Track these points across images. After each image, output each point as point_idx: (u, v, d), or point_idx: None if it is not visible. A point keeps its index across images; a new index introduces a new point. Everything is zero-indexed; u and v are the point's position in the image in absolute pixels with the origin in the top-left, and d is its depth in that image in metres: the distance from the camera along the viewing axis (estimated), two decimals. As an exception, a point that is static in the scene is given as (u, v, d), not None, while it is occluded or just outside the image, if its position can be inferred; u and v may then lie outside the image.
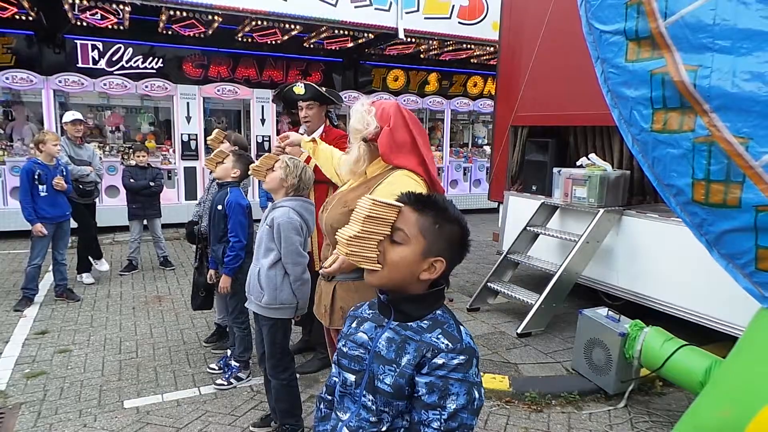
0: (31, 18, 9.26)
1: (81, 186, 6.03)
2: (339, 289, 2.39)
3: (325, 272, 2.31)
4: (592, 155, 5.00)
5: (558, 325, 4.81)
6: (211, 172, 4.06)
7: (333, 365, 1.45)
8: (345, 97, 10.94)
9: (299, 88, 3.94)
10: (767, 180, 1.92)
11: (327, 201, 2.53)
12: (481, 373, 4.01)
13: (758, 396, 2.01)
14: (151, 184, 6.68)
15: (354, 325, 1.41)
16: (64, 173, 5.44)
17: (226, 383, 3.80)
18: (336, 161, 2.86)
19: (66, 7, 8.54)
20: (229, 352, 4.04)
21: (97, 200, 6.53)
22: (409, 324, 1.29)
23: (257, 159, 3.21)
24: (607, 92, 2.50)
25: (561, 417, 3.50)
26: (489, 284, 5.27)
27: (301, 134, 3.78)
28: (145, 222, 6.87)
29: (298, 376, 3.28)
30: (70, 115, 6.17)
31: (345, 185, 2.54)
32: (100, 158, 7.02)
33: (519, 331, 4.61)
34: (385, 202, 1.29)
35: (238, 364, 3.87)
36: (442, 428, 1.20)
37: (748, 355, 2.21)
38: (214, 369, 4.03)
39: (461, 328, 1.29)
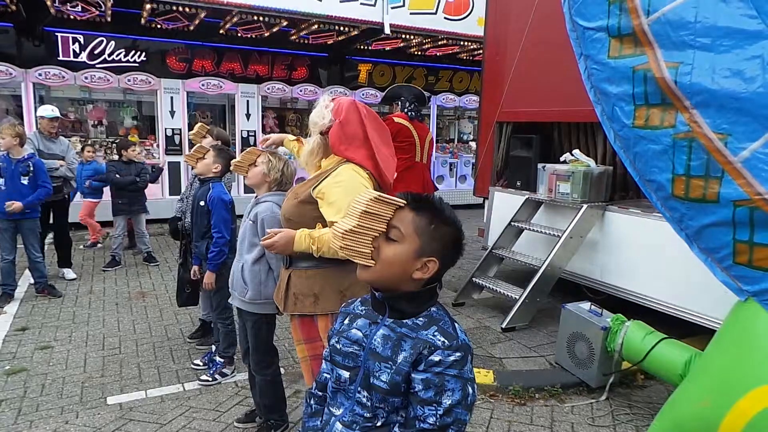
0: (10, 10, 9.08)
1: None
2: (293, 276, 2.44)
3: (263, 243, 2.31)
4: (575, 151, 5.04)
5: (542, 320, 4.85)
6: (192, 168, 4.03)
7: (324, 362, 1.44)
8: (331, 92, 10.91)
9: None
10: (745, 175, 1.96)
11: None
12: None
13: (735, 388, 2.05)
14: (137, 179, 6.62)
15: (347, 321, 1.40)
16: (31, 169, 5.18)
17: (210, 379, 3.78)
18: None
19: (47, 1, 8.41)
20: (213, 348, 4.02)
21: (70, 197, 6.31)
22: (405, 321, 1.29)
23: (240, 154, 3.19)
24: (590, 88, 2.52)
25: (544, 410, 3.53)
26: (474, 279, 5.30)
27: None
28: (129, 217, 6.81)
29: (282, 371, 3.28)
30: (48, 110, 5.96)
31: None
32: (78, 153, 6.88)
33: (503, 325, 4.65)
34: (383, 199, 1.28)
35: (222, 360, 3.85)
36: (437, 423, 1.21)
37: (725, 347, 2.26)
38: (199, 365, 4.01)
39: (456, 324, 1.30)
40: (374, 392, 1.27)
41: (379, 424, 1.28)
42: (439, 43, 11.47)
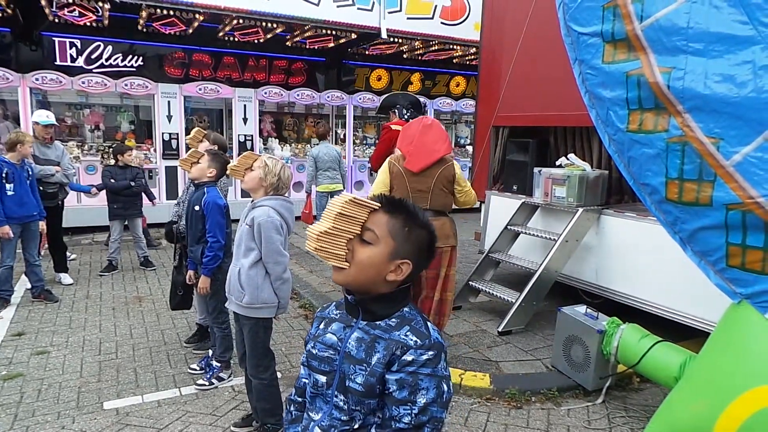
0: (7, 15, 9.08)
1: (42, 187, 5.75)
2: None
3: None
4: (571, 155, 5.06)
5: (538, 323, 4.86)
6: (187, 173, 4.04)
7: (302, 367, 1.44)
8: (328, 97, 10.96)
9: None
10: (737, 179, 1.98)
11: None
12: (463, 371, 4.01)
13: (729, 390, 2.07)
14: (132, 183, 6.62)
15: (322, 326, 1.41)
16: (30, 173, 5.28)
17: (207, 383, 3.78)
18: None
19: (43, 3, 8.40)
20: (210, 352, 4.01)
21: (64, 203, 6.32)
22: (378, 323, 1.30)
23: (237, 158, 3.20)
24: (585, 93, 2.54)
25: (540, 413, 3.54)
26: (471, 283, 5.31)
27: None
28: (125, 222, 6.80)
29: (279, 375, 3.28)
30: (43, 116, 5.96)
31: None
32: (77, 158, 6.86)
33: (500, 329, 4.65)
34: (358, 201, 1.29)
35: (219, 365, 3.85)
36: (413, 422, 1.21)
37: (719, 350, 2.27)
38: (195, 369, 4.00)
39: (428, 323, 1.31)
40: (350, 395, 1.28)
41: (356, 426, 1.29)
42: (433, 48, 11.51)
